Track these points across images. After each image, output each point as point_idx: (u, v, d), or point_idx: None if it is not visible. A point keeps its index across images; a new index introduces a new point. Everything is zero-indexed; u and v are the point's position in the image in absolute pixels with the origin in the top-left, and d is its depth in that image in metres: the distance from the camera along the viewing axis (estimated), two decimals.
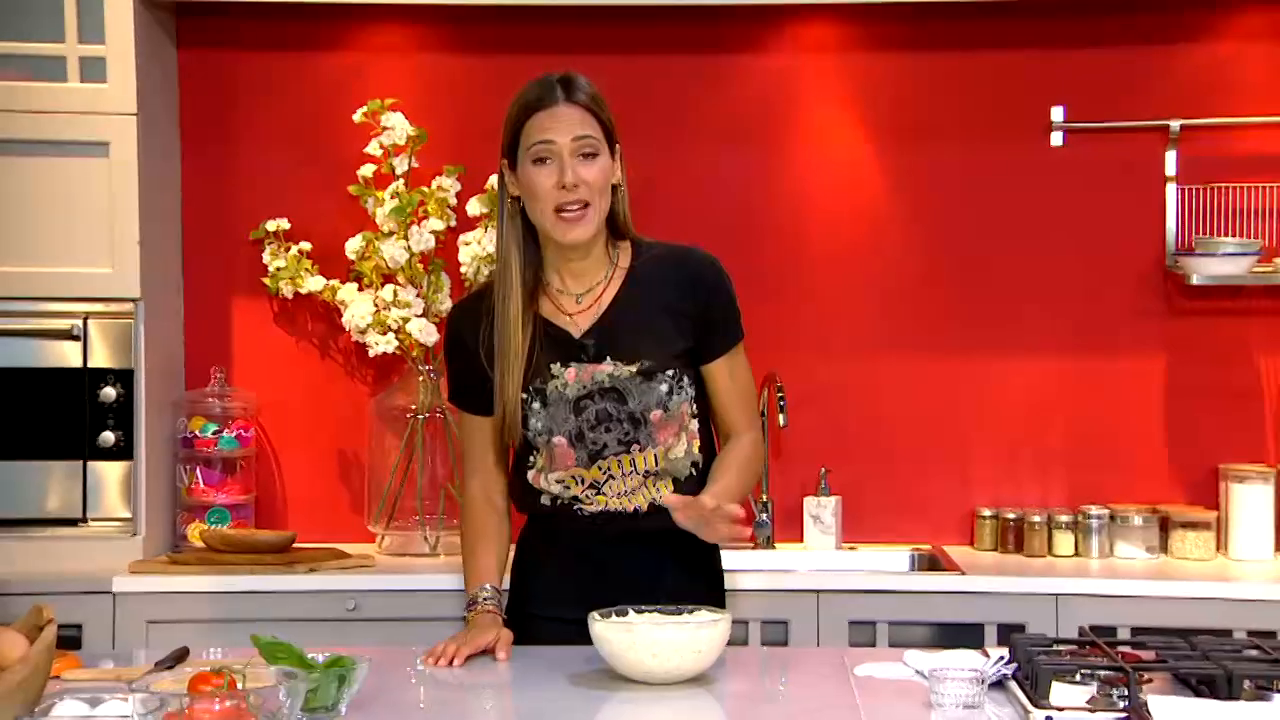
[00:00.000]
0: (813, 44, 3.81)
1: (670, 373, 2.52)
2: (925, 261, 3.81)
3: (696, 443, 2.56)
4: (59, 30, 3.43)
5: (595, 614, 2.24)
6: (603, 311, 2.55)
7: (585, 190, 2.46)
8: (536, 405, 2.52)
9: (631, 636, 2.18)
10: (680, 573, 2.57)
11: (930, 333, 3.81)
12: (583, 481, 2.53)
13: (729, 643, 2.26)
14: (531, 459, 2.57)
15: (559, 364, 2.52)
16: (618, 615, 2.26)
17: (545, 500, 2.56)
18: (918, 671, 2.24)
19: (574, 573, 2.57)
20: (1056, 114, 3.76)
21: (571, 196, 2.46)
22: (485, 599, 2.53)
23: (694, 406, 2.56)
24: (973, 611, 3.29)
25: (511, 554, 2.69)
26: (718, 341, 2.58)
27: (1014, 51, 3.78)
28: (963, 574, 3.38)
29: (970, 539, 3.74)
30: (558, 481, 2.54)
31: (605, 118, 2.51)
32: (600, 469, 2.52)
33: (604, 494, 2.53)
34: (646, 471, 2.52)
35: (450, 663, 2.36)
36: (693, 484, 2.54)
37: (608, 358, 2.52)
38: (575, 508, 2.54)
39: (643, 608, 2.29)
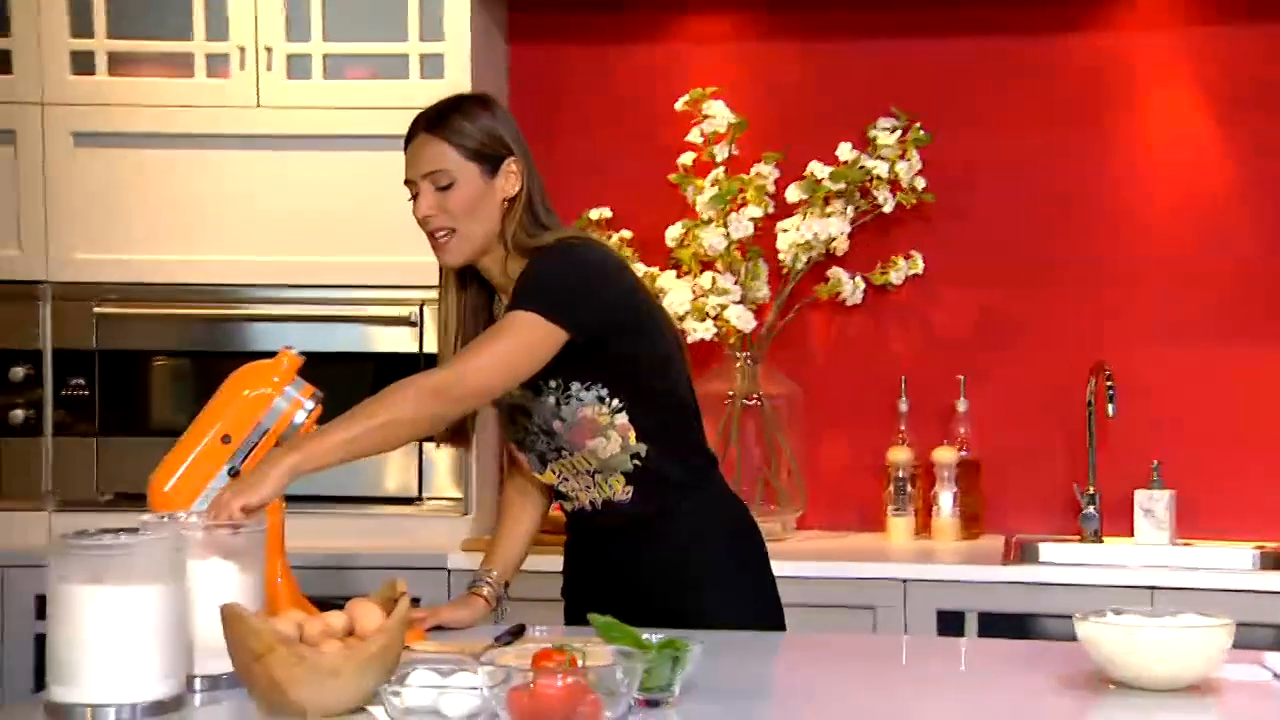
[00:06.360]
0: (1144, 20, 3.66)
1: (553, 384, 2.43)
2: (1271, 245, 3.61)
3: (632, 434, 2.47)
4: (402, 30, 3.58)
5: (1090, 615, 2.12)
6: None
7: (446, 218, 2.42)
8: (503, 415, 2.59)
9: (1132, 640, 2.09)
10: (650, 564, 2.53)
11: (1274, 320, 3.61)
12: (551, 484, 2.58)
13: None
14: None
15: None
16: (1113, 614, 2.16)
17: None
18: (1275, 675, 2.13)
19: (576, 565, 2.66)
20: None
21: (429, 226, 2.44)
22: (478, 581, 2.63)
23: (608, 405, 2.44)
24: None
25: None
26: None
27: None
28: None
29: None
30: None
31: (470, 144, 2.42)
32: (554, 472, 2.54)
33: (569, 496, 2.56)
34: (591, 470, 2.50)
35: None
36: (639, 475, 2.48)
37: None
38: (563, 504, 2.61)
39: (1121, 608, 2.19)
